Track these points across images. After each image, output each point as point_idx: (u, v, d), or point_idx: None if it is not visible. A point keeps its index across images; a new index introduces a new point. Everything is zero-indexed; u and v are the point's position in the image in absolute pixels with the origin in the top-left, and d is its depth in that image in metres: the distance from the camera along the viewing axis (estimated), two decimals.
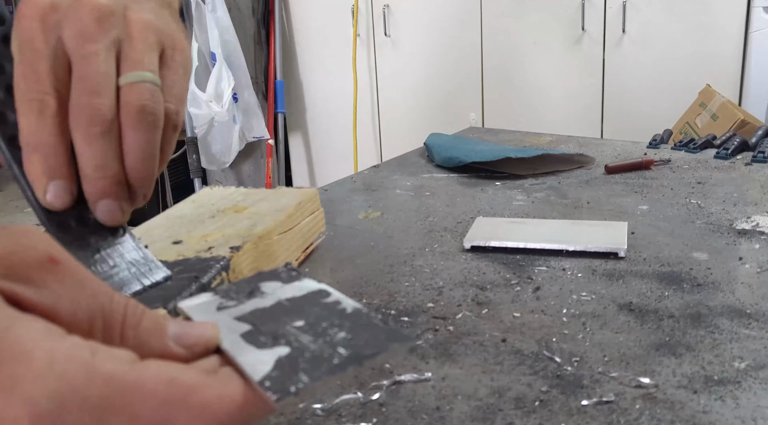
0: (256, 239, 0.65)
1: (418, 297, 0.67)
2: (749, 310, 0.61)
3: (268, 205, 0.74)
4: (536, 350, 0.56)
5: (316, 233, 0.78)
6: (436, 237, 0.82)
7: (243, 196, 0.77)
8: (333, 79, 3.12)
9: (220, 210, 0.73)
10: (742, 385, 0.50)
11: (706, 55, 2.30)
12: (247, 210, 0.73)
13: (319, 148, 3.34)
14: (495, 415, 0.48)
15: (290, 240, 0.72)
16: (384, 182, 1.05)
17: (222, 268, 0.59)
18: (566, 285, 0.68)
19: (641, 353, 0.55)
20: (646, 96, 2.43)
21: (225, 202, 0.75)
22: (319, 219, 0.79)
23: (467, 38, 2.74)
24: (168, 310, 0.52)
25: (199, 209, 0.74)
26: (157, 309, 0.51)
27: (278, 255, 0.69)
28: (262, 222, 0.69)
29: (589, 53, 2.50)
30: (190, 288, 0.55)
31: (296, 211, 0.73)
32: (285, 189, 0.79)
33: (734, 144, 1.09)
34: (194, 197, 0.78)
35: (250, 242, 0.64)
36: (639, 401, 0.49)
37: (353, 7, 2.94)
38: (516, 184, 1.01)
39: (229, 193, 0.78)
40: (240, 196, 0.77)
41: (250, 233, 0.66)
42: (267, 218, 0.70)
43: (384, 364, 0.55)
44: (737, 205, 0.87)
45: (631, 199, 0.92)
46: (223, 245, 0.63)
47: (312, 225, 0.77)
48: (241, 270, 0.62)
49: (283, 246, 0.71)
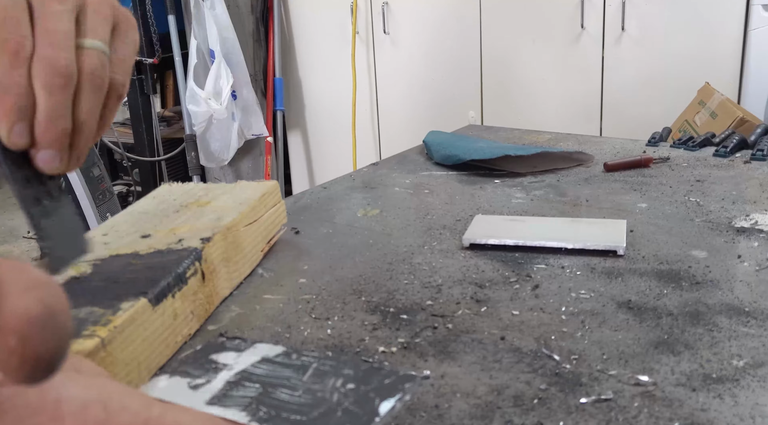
0: (224, 230, 0.67)
1: (416, 295, 0.67)
2: (748, 308, 0.61)
3: (230, 198, 0.75)
4: (535, 348, 0.56)
5: (278, 225, 0.80)
6: (435, 235, 0.82)
7: (204, 191, 0.79)
8: (332, 76, 3.12)
9: (183, 205, 0.74)
10: (740, 383, 0.50)
11: (705, 53, 2.30)
12: (211, 204, 0.74)
13: (318, 145, 3.33)
14: (493, 413, 0.48)
15: (255, 231, 0.74)
16: (383, 180, 1.05)
17: (195, 259, 0.61)
18: (565, 283, 0.68)
19: (640, 351, 0.55)
20: (645, 94, 2.43)
21: (187, 197, 0.77)
22: (280, 212, 0.81)
23: (466, 36, 2.73)
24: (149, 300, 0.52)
25: (162, 205, 0.75)
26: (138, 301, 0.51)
27: (245, 246, 0.71)
28: (227, 214, 0.70)
29: (588, 51, 2.50)
30: (167, 278, 0.56)
31: (260, 203, 0.75)
32: (245, 183, 0.81)
33: (733, 142, 1.09)
34: (154, 194, 0.79)
35: (219, 233, 0.66)
36: (637, 399, 0.49)
37: (352, 5, 2.94)
38: (515, 181, 1.00)
39: (189, 188, 0.80)
40: (201, 191, 0.79)
41: (218, 225, 0.68)
42: (231, 211, 0.72)
43: (383, 362, 0.55)
44: (736, 203, 0.87)
45: (630, 196, 0.92)
46: (192, 237, 0.65)
47: (275, 217, 0.79)
48: (212, 260, 0.64)
49: (250, 237, 0.73)
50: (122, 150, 3.12)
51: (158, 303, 0.54)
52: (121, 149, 3.11)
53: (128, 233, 0.67)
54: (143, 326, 0.52)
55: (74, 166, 0.41)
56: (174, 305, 0.56)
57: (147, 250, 0.62)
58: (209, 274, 0.63)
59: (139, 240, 0.65)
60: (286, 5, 3.18)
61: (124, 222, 0.70)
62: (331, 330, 0.61)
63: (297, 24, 3.17)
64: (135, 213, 0.73)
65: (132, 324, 0.50)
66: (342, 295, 0.68)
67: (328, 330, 0.61)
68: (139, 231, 0.67)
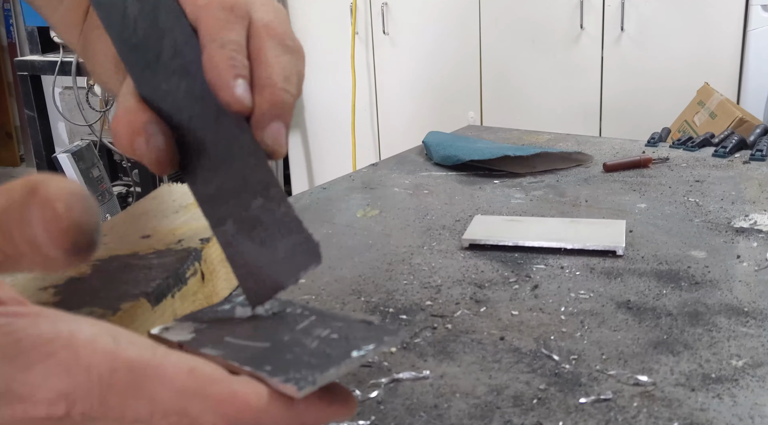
0: None
1: (416, 296, 0.67)
2: (747, 308, 0.61)
3: None
4: (534, 348, 0.57)
5: None
6: (435, 236, 0.82)
7: None
8: (331, 77, 3.12)
9: (183, 206, 0.74)
10: (739, 383, 0.50)
11: (704, 54, 2.30)
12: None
13: (317, 146, 3.33)
14: (493, 413, 0.48)
15: None
16: (382, 180, 1.05)
17: (194, 259, 0.61)
18: (564, 284, 0.68)
19: (639, 351, 0.55)
20: (644, 94, 2.43)
21: (187, 198, 0.77)
22: None
23: (466, 36, 2.73)
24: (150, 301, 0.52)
25: (162, 205, 0.75)
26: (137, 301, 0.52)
27: None
28: None
29: (587, 51, 2.50)
30: (167, 279, 0.56)
31: None
32: None
33: (732, 142, 1.09)
34: (154, 194, 0.79)
35: None
36: (637, 399, 0.49)
37: (352, 5, 2.94)
38: (514, 182, 1.01)
39: (188, 189, 0.80)
40: None
41: None
42: None
43: (383, 362, 0.56)
44: (735, 203, 0.87)
45: (629, 197, 0.92)
46: (192, 238, 0.65)
47: None
48: (212, 260, 0.64)
49: None
50: None
51: (158, 303, 0.54)
52: None
53: (128, 233, 0.67)
54: (143, 326, 0.52)
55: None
56: (173, 305, 0.56)
57: (147, 251, 0.62)
58: (209, 275, 0.64)
59: (139, 241, 0.65)
60: (286, 5, 3.18)
61: (124, 223, 0.70)
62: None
63: (296, 24, 3.17)
64: (134, 214, 0.73)
65: (131, 325, 0.50)
66: (341, 296, 0.68)
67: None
68: (139, 232, 0.67)
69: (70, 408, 0.25)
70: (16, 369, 0.25)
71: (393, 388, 0.52)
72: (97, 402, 0.25)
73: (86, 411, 0.25)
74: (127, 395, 0.26)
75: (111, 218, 0.72)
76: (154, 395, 0.26)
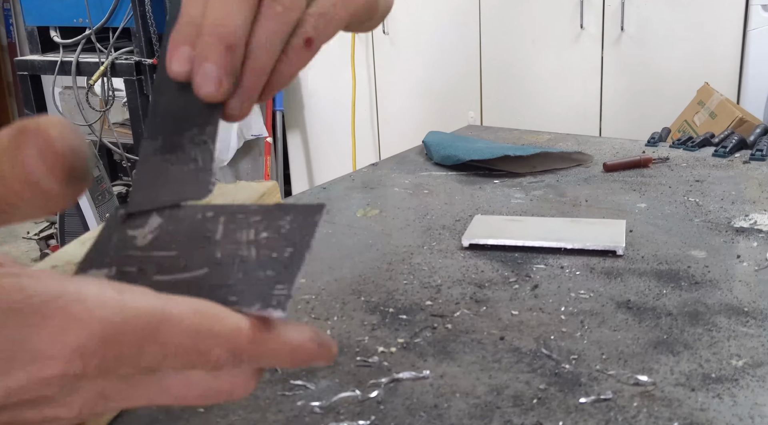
0: None
1: (416, 295, 0.67)
2: (747, 308, 0.61)
3: (229, 198, 0.75)
4: (534, 348, 0.57)
5: None
6: (435, 236, 0.82)
7: None
8: (331, 76, 3.12)
9: None
10: (739, 383, 0.50)
11: (704, 53, 2.30)
12: (209, 204, 0.74)
13: (317, 145, 3.33)
14: (493, 413, 0.48)
15: None
16: (382, 180, 1.05)
17: None
18: (564, 283, 0.68)
19: (639, 351, 0.55)
20: (644, 94, 2.43)
21: None
22: None
23: (466, 36, 2.73)
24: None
25: None
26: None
27: None
28: None
29: (587, 51, 2.50)
30: None
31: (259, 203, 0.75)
32: (244, 183, 0.80)
33: (732, 142, 1.09)
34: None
35: None
36: (637, 399, 0.49)
37: None
38: (514, 182, 1.01)
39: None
40: None
41: None
42: None
43: (383, 362, 0.56)
44: (735, 203, 0.87)
45: (629, 197, 0.92)
46: None
47: None
48: None
49: None
50: (122, 150, 3.12)
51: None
52: (120, 149, 3.11)
53: None
54: None
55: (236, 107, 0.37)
56: None
57: None
58: None
59: None
60: None
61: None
62: (331, 331, 0.61)
63: None
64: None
65: None
66: (341, 295, 0.68)
67: (327, 331, 0.61)
68: None
69: (86, 363, 0.25)
70: (30, 327, 0.25)
71: (393, 388, 0.52)
72: (111, 354, 0.26)
73: (101, 364, 0.26)
74: (140, 342, 0.26)
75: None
76: (165, 338, 0.27)
